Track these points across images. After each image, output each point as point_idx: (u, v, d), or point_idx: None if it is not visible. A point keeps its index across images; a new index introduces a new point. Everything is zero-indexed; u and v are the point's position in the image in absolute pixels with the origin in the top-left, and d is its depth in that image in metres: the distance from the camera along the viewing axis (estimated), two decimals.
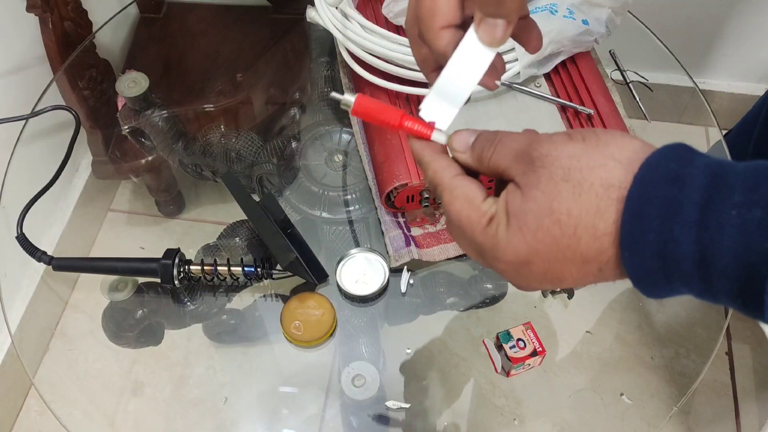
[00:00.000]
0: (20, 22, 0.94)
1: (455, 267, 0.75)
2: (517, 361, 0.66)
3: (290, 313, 0.69)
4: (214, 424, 0.71)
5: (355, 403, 0.68)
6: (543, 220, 0.33)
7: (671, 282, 0.31)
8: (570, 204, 0.32)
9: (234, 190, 0.72)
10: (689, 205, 0.29)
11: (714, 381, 1.11)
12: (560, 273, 0.34)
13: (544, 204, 0.33)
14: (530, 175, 0.34)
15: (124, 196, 1.06)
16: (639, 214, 0.30)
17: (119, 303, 0.75)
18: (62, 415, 0.68)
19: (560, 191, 0.33)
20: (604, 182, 0.32)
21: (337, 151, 0.84)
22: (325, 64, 0.92)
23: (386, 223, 0.73)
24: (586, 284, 0.35)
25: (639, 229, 0.30)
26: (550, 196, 0.33)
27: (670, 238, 0.29)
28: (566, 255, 0.33)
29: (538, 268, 0.34)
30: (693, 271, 0.30)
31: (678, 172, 0.30)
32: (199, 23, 1.09)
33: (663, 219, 0.30)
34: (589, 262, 0.33)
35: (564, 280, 0.34)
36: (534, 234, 0.33)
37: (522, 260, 0.34)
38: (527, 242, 0.33)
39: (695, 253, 0.29)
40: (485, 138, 0.38)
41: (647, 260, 0.30)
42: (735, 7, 1.18)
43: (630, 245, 0.31)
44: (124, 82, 0.80)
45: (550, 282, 0.35)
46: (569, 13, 0.71)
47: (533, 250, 0.33)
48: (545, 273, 0.34)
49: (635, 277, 0.32)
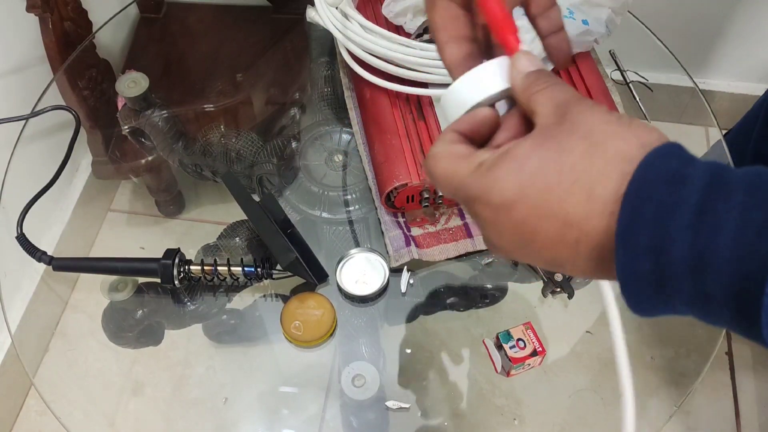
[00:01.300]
0: (20, 22, 0.94)
1: (455, 267, 0.75)
2: (517, 361, 0.66)
3: (290, 313, 0.69)
4: (214, 424, 0.71)
5: (355, 403, 0.68)
6: (546, 167, 0.32)
7: (662, 289, 0.30)
8: (579, 160, 0.32)
9: (234, 190, 0.72)
10: (687, 206, 0.29)
11: (714, 381, 1.11)
12: (536, 227, 0.33)
13: (554, 153, 0.32)
14: (553, 126, 0.33)
15: (124, 196, 1.06)
16: (635, 211, 0.30)
17: (119, 303, 0.75)
18: (62, 415, 0.68)
19: (574, 146, 0.32)
20: (619, 153, 0.31)
21: (337, 151, 0.84)
22: (325, 64, 0.92)
23: (386, 223, 0.73)
24: (553, 259, 0.34)
25: (634, 226, 0.30)
26: (563, 148, 0.32)
27: (667, 236, 0.29)
28: (552, 208, 0.32)
29: (518, 214, 0.33)
30: (685, 274, 0.29)
31: (678, 171, 0.30)
32: (199, 23, 1.09)
33: (659, 218, 0.29)
34: (571, 225, 0.32)
35: (536, 238, 0.33)
36: (529, 177, 0.32)
37: (505, 201, 0.33)
38: (518, 182, 0.33)
39: (690, 255, 0.29)
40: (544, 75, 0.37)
41: (639, 261, 0.30)
42: (735, 7, 1.18)
43: (624, 242, 0.30)
44: (124, 82, 0.80)
45: (520, 237, 0.34)
46: (569, 13, 0.71)
47: (522, 192, 0.32)
48: (522, 222, 0.33)
49: (624, 279, 0.31)
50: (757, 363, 1.14)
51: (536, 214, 0.32)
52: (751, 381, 1.12)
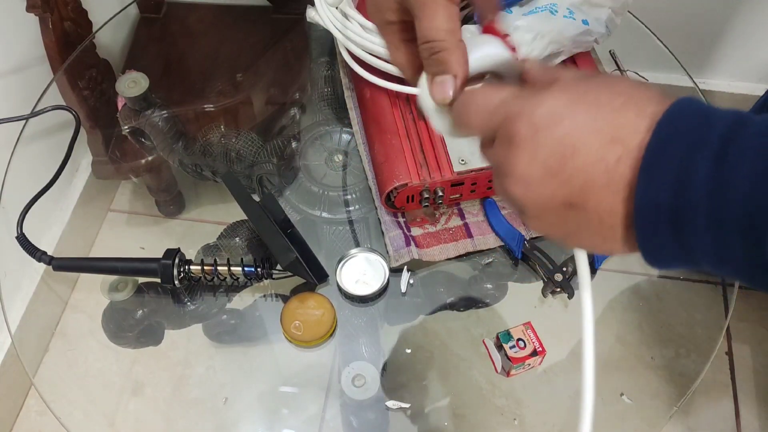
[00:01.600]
0: (20, 22, 0.94)
1: (455, 267, 0.75)
2: (517, 361, 0.66)
3: (290, 313, 0.69)
4: (214, 424, 0.71)
5: (355, 403, 0.68)
6: (597, 89, 0.33)
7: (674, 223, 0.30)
8: (625, 87, 0.33)
9: (234, 190, 0.72)
10: (713, 137, 0.29)
11: (714, 381, 1.11)
12: (580, 142, 0.32)
13: (602, 80, 0.33)
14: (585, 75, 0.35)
15: (124, 196, 1.06)
16: (664, 140, 0.30)
17: (119, 303, 0.75)
18: (62, 415, 0.68)
19: (621, 80, 0.34)
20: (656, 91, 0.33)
21: (337, 151, 0.84)
22: (325, 64, 0.92)
23: (386, 223, 0.73)
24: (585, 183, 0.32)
25: (661, 154, 0.30)
26: (610, 80, 0.34)
27: (691, 165, 0.29)
28: (603, 120, 0.32)
29: (563, 129, 0.32)
30: (702, 203, 0.29)
31: (708, 110, 0.31)
32: (199, 23, 1.09)
33: (688, 149, 0.29)
34: (617, 140, 0.31)
35: (575, 156, 0.32)
36: (581, 95, 0.33)
37: (554, 114, 0.32)
38: (570, 98, 0.33)
39: (710, 182, 0.29)
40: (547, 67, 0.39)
41: (659, 191, 0.30)
42: (735, 7, 1.18)
43: (648, 169, 0.30)
44: (124, 82, 0.80)
45: (557, 156, 0.32)
46: (569, 13, 0.71)
47: (573, 105, 0.32)
48: (564, 138, 0.32)
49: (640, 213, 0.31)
50: (757, 363, 1.14)
51: (583, 127, 0.32)
52: (751, 381, 1.12)
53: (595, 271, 0.74)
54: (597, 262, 0.73)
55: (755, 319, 1.18)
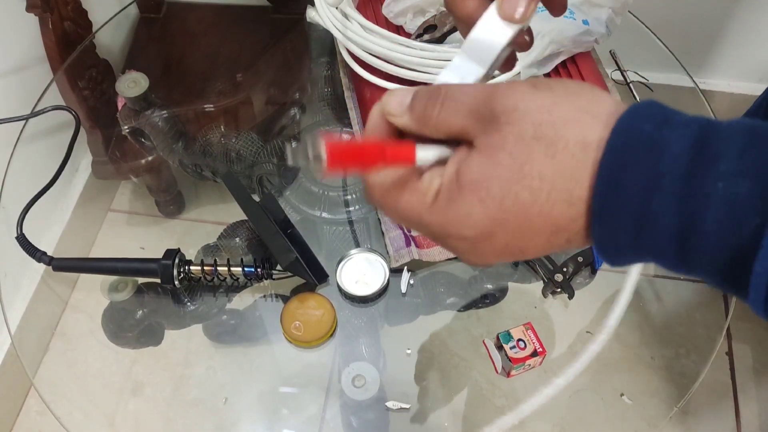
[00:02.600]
0: (20, 22, 0.94)
1: (455, 267, 0.75)
2: (517, 362, 0.66)
3: (290, 314, 0.69)
4: (214, 424, 0.71)
5: (355, 403, 0.68)
6: (511, 187, 0.29)
7: (640, 255, 0.29)
8: (543, 166, 0.28)
9: (234, 190, 0.71)
10: (670, 177, 0.26)
11: (714, 381, 1.11)
12: (524, 244, 0.31)
13: (513, 168, 0.29)
14: (493, 135, 0.29)
15: (124, 196, 1.06)
16: (613, 186, 0.27)
17: (119, 303, 0.75)
18: (62, 415, 0.68)
19: (532, 151, 0.28)
20: (580, 140, 0.28)
21: None
22: (325, 64, 0.92)
23: (386, 224, 0.73)
24: (547, 253, 0.32)
25: (613, 202, 0.27)
26: (520, 159, 0.29)
27: (648, 211, 0.27)
28: (535, 224, 0.29)
29: (500, 241, 0.30)
30: (670, 246, 0.27)
31: (654, 136, 0.27)
32: (199, 23, 1.09)
33: (640, 192, 0.27)
34: (559, 231, 0.30)
35: (526, 251, 0.31)
36: (500, 203, 0.29)
37: (481, 233, 0.30)
38: (490, 213, 0.29)
39: (675, 227, 0.27)
40: (426, 93, 0.32)
41: (619, 234, 0.28)
42: (735, 7, 1.18)
43: (601, 218, 0.28)
44: (124, 82, 0.80)
45: (510, 255, 0.32)
46: (569, 13, 0.71)
47: (497, 221, 0.30)
48: (506, 246, 0.31)
49: (602, 251, 0.30)
50: (757, 363, 1.14)
51: (520, 236, 0.30)
52: (751, 381, 1.12)
53: (595, 272, 0.74)
54: (597, 262, 0.73)
55: (755, 319, 1.18)
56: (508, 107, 0.29)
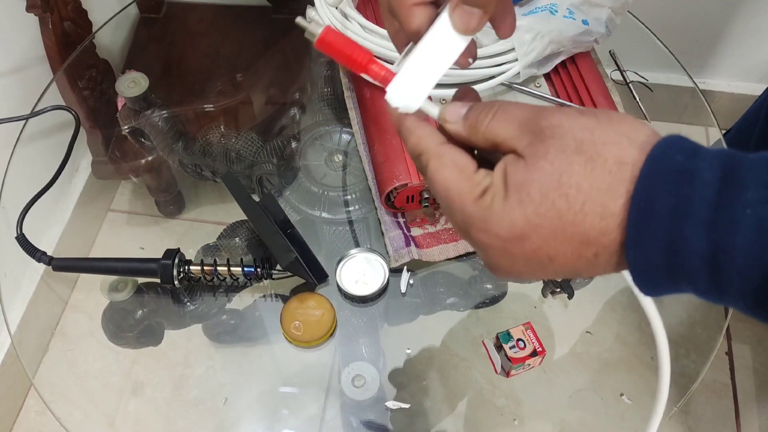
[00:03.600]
0: (20, 22, 0.94)
1: (455, 267, 0.75)
2: (517, 362, 0.66)
3: (290, 314, 0.69)
4: (214, 424, 0.71)
5: (355, 403, 0.68)
6: (549, 193, 0.31)
7: (674, 281, 0.30)
8: (581, 178, 0.31)
9: (234, 190, 0.72)
10: (700, 203, 0.28)
11: (714, 381, 1.11)
12: (553, 253, 0.32)
13: (552, 176, 0.31)
14: (538, 146, 0.32)
15: (124, 196, 1.06)
16: (646, 211, 0.29)
17: (119, 303, 0.75)
18: (62, 415, 0.68)
19: (572, 163, 0.31)
20: (618, 159, 0.30)
21: (337, 151, 0.84)
22: (325, 64, 0.92)
23: (386, 224, 0.73)
24: (572, 273, 0.33)
25: (646, 226, 0.29)
26: (559, 168, 0.31)
27: (680, 236, 0.28)
28: (566, 232, 0.31)
29: (531, 245, 0.32)
30: (701, 271, 0.29)
31: (685, 165, 0.29)
32: (199, 23, 1.09)
33: (672, 217, 0.29)
34: (588, 243, 0.31)
35: (554, 261, 0.32)
36: (537, 207, 0.31)
37: (516, 235, 0.32)
38: (527, 215, 0.31)
39: (706, 253, 0.28)
40: (481, 107, 0.35)
41: (652, 257, 0.29)
42: (735, 7, 1.18)
43: (636, 243, 0.30)
44: (124, 82, 0.80)
45: (536, 263, 0.33)
46: (569, 13, 0.71)
47: (532, 224, 0.31)
48: (536, 252, 0.32)
49: (637, 274, 0.31)
50: (757, 363, 1.14)
51: (551, 241, 0.32)
52: (751, 381, 1.12)
53: None
54: None
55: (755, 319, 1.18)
56: (554, 123, 0.32)
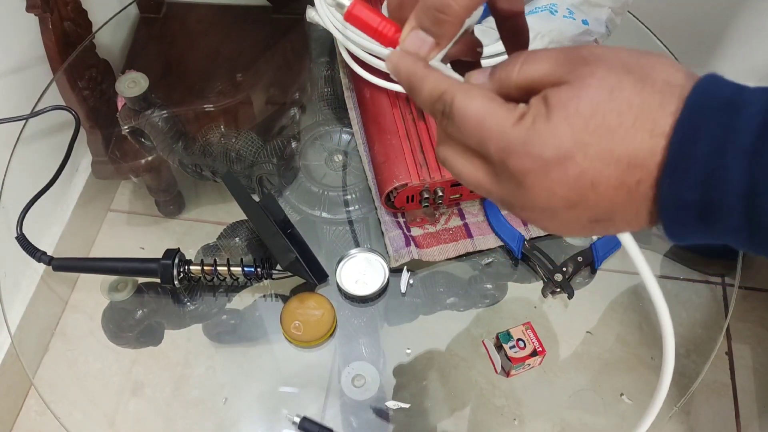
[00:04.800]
0: (20, 22, 0.94)
1: (455, 267, 0.75)
2: (517, 361, 0.66)
3: (290, 313, 0.69)
4: (214, 424, 0.71)
5: (355, 403, 0.68)
6: (600, 107, 0.29)
7: (704, 217, 0.29)
8: (632, 94, 0.29)
9: (234, 190, 0.72)
10: (745, 132, 0.27)
11: (714, 381, 1.11)
12: (597, 177, 0.30)
13: (603, 91, 0.29)
14: (582, 68, 0.30)
15: (124, 196, 1.06)
16: (689, 138, 0.28)
17: (119, 303, 0.75)
18: (62, 415, 0.68)
19: (622, 80, 0.29)
20: (667, 80, 0.29)
21: (337, 151, 0.84)
22: (325, 64, 0.92)
23: (386, 223, 0.73)
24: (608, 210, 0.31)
25: (687, 153, 0.28)
26: (609, 84, 0.29)
27: (720, 165, 0.27)
28: (615, 152, 0.29)
29: (576, 168, 0.30)
30: (737, 205, 0.28)
31: (733, 97, 0.28)
32: (199, 23, 1.09)
33: (714, 144, 0.27)
34: (636, 166, 0.29)
35: (596, 189, 0.30)
36: (587, 122, 0.29)
37: (562, 155, 0.30)
38: (575, 132, 0.29)
39: (745, 183, 0.27)
40: (507, 60, 0.33)
41: (686, 191, 0.28)
42: (735, 7, 1.18)
43: (673, 170, 0.28)
44: (124, 82, 0.80)
45: (578, 192, 0.30)
46: (569, 13, 0.71)
47: (580, 141, 0.29)
48: (580, 176, 0.30)
49: (665, 208, 0.29)
50: (757, 363, 1.14)
51: (598, 163, 0.30)
52: (751, 381, 1.12)
53: (594, 272, 0.74)
54: (597, 262, 0.73)
55: (755, 319, 1.18)
56: (595, 52, 0.31)
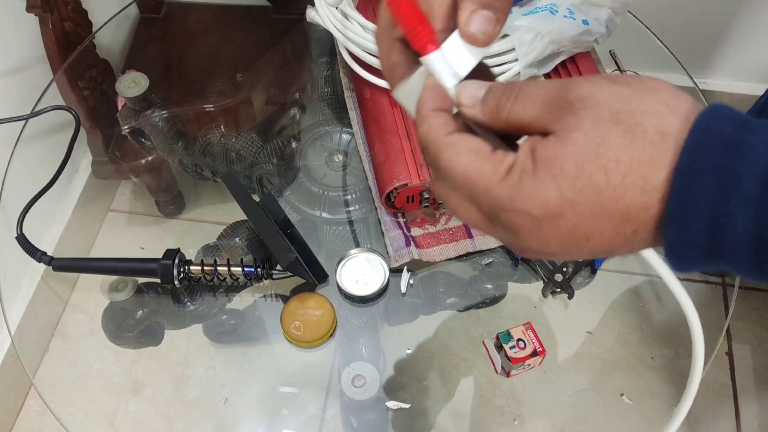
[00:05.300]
0: (20, 22, 0.94)
1: (455, 267, 0.75)
2: (517, 362, 0.66)
3: (290, 314, 0.69)
4: (214, 424, 0.71)
5: (355, 403, 0.68)
6: (586, 166, 0.28)
7: (711, 258, 0.28)
8: (620, 150, 0.28)
9: (234, 190, 0.72)
10: (749, 178, 0.26)
11: (714, 381, 1.11)
12: (590, 231, 0.29)
13: (588, 147, 0.28)
14: (569, 119, 0.29)
15: (124, 196, 1.06)
16: (690, 185, 0.27)
17: (119, 303, 0.75)
18: (62, 415, 0.68)
19: (608, 134, 0.28)
20: (659, 129, 0.28)
21: (337, 151, 0.84)
22: (325, 64, 0.92)
23: (386, 224, 0.73)
24: (607, 251, 0.31)
25: (690, 201, 0.27)
26: (596, 140, 0.28)
27: (725, 213, 0.27)
28: (605, 208, 0.29)
29: (567, 223, 0.30)
30: (744, 249, 0.27)
31: (735, 137, 0.27)
32: (199, 23, 1.09)
33: (718, 192, 0.27)
34: (628, 220, 0.29)
35: (590, 240, 0.30)
36: (573, 181, 0.29)
37: (551, 213, 0.29)
38: (561, 191, 0.29)
39: (752, 230, 0.26)
40: (500, 88, 0.32)
41: (692, 234, 0.28)
42: (735, 7, 1.18)
43: (677, 218, 0.28)
44: (124, 82, 0.80)
45: (572, 242, 0.30)
46: (569, 13, 0.71)
47: (568, 200, 0.29)
48: (572, 230, 0.30)
49: (673, 250, 0.29)
50: (757, 363, 1.14)
51: (589, 219, 0.29)
52: (751, 381, 1.12)
53: (594, 272, 0.74)
54: (597, 262, 0.73)
55: (755, 319, 1.18)
56: (584, 95, 0.29)
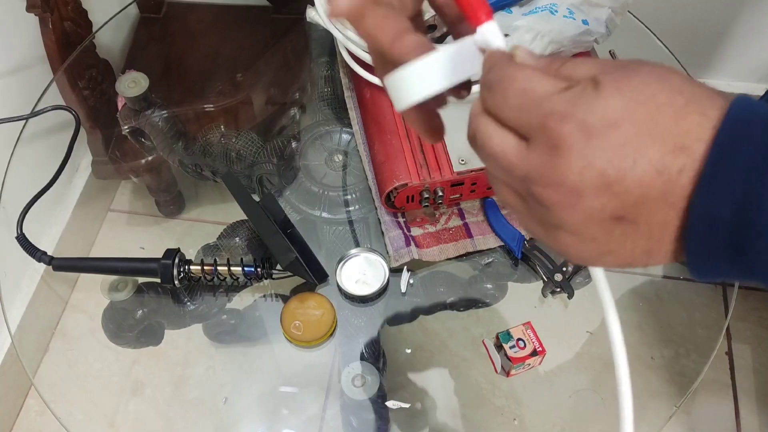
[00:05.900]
0: (20, 22, 0.94)
1: (455, 267, 0.75)
2: (517, 361, 0.66)
3: (290, 313, 0.69)
4: (214, 424, 0.71)
5: (355, 403, 0.68)
6: (651, 84, 0.28)
7: (735, 241, 0.27)
8: (681, 83, 0.29)
9: (234, 190, 0.72)
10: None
11: (714, 381, 1.11)
12: (639, 150, 0.28)
13: (652, 74, 0.29)
14: (630, 64, 0.30)
15: (124, 196, 1.06)
16: (729, 150, 0.27)
17: (119, 303, 0.75)
18: (62, 415, 0.68)
19: (671, 74, 0.29)
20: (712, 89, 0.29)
21: (337, 151, 0.84)
22: (325, 64, 0.92)
23: (386, 223, 0.73)
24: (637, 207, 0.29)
25: (725, 165, 0.27)
26: (659, 73, 0.29)
27: (758, 185, 0.26)
28: (665, 126, 0.28)
29: (620, 137, 0.28)
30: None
31: None
32: (199, 23, 1.09)
33: (754, 164, 0.26)
34: (680, 150, 0.28)
35: (635, 167, 0.28)
36: (638, 93, 0.28)
37: (609, 121, 0.28)
38: (625, 99, 0.28)
39: None
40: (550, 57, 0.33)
41: (721, 206, 0.27)
42: (735, 7, 1.18)
43: (710, 181, 0.27)
44: (124, 82, 0.80)
45: (617, 165, 0.28)
46: (569, 13, 0.71)
47: (629, 110, 0.28)
48: (624, 145, 0.28)
49: (695, 224, 0.28)
50: (757, 363, 1.14)
51: (646, 135, 0.28)
52: (751, 381, 1.12)
53: None
54: None
55: (755, 319, 1.18)
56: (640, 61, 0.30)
